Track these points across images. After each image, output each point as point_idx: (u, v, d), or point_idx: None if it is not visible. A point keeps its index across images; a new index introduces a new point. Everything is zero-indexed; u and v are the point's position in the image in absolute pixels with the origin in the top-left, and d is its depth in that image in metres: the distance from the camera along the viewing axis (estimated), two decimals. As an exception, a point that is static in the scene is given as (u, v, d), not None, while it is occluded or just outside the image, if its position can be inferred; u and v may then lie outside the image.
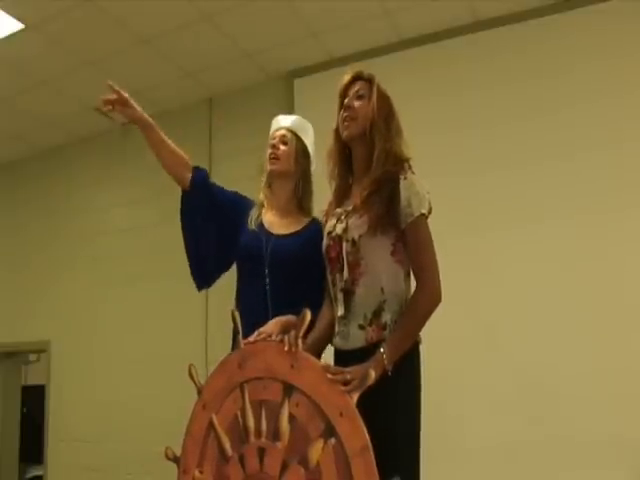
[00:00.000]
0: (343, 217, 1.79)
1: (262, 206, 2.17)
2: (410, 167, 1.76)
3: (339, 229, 1.78)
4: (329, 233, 1.82)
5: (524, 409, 3.01)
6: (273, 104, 4.07)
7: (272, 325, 1.81)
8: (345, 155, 1.89)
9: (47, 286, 4.99)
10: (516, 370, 3.06)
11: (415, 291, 1.67)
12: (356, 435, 1.42)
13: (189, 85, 4.28)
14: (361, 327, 1.70)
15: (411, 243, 1.69)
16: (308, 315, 1.55)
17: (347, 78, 1.89)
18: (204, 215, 2.18)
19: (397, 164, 1.74)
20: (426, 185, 1.74)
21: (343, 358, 1.72)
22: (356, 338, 1.71)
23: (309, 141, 2.21)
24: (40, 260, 5.08)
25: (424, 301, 1.64)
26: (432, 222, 1.73)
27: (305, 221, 2.12)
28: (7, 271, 5.29)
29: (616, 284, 2.98)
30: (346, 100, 1.85)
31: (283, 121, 2.22)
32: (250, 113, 4.20)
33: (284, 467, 1.53)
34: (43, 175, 5.23)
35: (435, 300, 1.64)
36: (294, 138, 2.18)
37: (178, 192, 4.91)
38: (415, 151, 1.84)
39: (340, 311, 1.75)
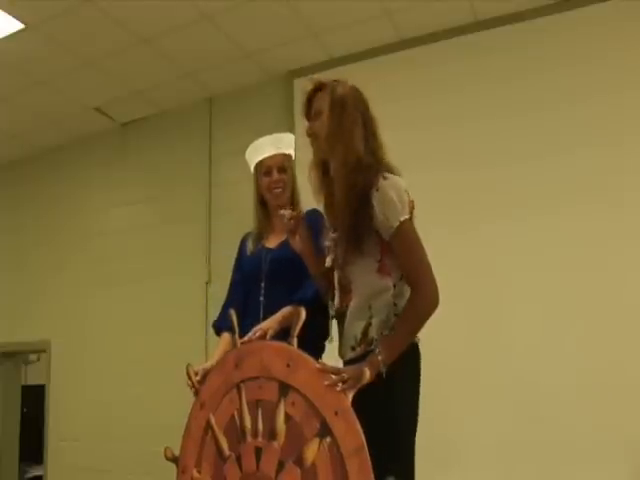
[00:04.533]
0: (332, 247, 1.80)
1: (260, 237, 2.21)
2: (382, 170, 1.69)
3: (328, 261, 1.80)
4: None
5: (524, 408, 3.00)
6: (273, 104, 4.07)
7: (269, 321, 1.85)
8: (325, 167, 1.83)
9: (47, 286, 4.99)
10: (516, 368, 3.05)
11: (411, 296, 1.63)
12: (351, 435, 1.42)
13: (189, 85, 4.28)
14: (352, 348, 1.71)
15: (398, 253, 1.65)
16: (303, 313, 1.55)
17: (306, 93, 1.83)
18: None
19: (366, 172, 1.67)
20: (403, 183, 1.68)
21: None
22: (349, 357, 1.73)
23: (292, 150, 2.22)
24: (40, 260, 5.08)
25: (421, 306, 1.61)
26: (431, 217, 1.71)
27: None
28: (7, 271, 5.29)
29: (616, 280, 2.97)
30: (307, 125, 1.82)
31: (270, 146, 2.18)
32: (250, 113, 4.20)
33: (280, 467, 1.53)
34: (43, 175, 5.23)
35: (433, 303, 1.61)
36: (285, 159, 2.18)
37: (177, 192, 4.93)
38: (414, 148, 1.83)
39: (341, 334, 1.77)
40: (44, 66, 3.96)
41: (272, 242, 2.16)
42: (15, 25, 3.48)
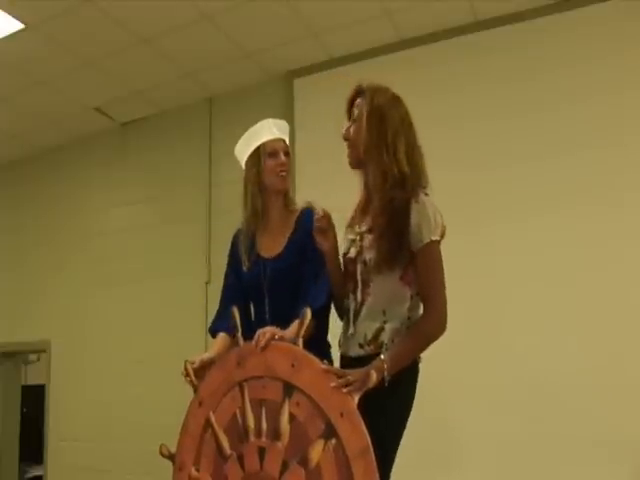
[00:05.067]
0: (358, 240, 1.79)
1: (252, 235, 2.09)
2: (425, 187, 1.73)
3: (353, 252, 1.79)
4: (345, 254, 1.84)
5: (524, 408, 3.00)
6: (273, 104, 4.06)
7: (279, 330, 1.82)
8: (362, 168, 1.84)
9: (47, 286, 4.98)
10: (516, 369, 3.05)
11: (422, 316, 1.69)
12: (357, 436, 1.42)
13: (189, 85, 4.27)
14: (360, 346, 1.72)
15: (420, 269, 1.68)
16: (309, 314, 1.54)
17: (349, 95, 1.83)
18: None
19: (406, 186, 1.69)
20: (437, 206, 1.72)
21: (343, 363, 1.76)
22: (355, 353, 1.74)
23: (287, 138, 2.13)
24: (40, 260, 5.07)
25: (429, 329, 1.66)
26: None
27: (292, 222, 2.05)
28: (7, 271, 5.28)
29: (617, 281, 2.97)
30: (343, 130, 1.82)
31: (272, 128, 2.09)
32: (250, 113, 4.17)
33: (284, 467, 1.53)
34: (43, 175, 5.22)
35: (440, 329, 1.65)
36: (286, 145, 2.10)
37: (177, 192, 4.92)
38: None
39: (351, 329, 1.77)
40: (44, 66, 3.95)
41: (267, 248, 2.05)
42: (15, 25, 3.48)
